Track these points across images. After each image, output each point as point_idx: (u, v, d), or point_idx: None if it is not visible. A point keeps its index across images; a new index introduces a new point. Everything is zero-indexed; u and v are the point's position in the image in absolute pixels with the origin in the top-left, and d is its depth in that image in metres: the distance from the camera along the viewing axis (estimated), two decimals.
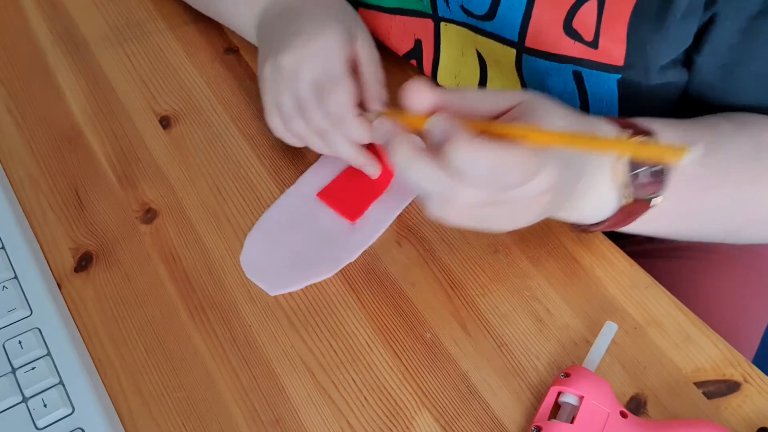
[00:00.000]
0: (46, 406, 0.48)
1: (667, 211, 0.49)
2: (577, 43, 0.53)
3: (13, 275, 0.53)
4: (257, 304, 0.54)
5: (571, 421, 0.46)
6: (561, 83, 0.56)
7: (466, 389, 0.50)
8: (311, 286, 0.55)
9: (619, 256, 0.56)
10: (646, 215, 0.49)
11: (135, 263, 0.56)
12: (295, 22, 0.56)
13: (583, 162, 0.45)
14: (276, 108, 0.56)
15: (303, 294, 0.54)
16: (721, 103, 0.56)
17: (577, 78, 0.55)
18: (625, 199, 0.47)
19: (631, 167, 0.47)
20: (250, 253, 0.56)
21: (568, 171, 0.43)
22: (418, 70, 0.66)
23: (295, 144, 0.58)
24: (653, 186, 0.47)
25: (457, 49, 0.60)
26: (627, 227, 0.51)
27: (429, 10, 0.59)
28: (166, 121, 0.64)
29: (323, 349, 0.52)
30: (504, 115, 0.43)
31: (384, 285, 0.55)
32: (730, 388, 0.49)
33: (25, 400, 0.48)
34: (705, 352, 0.51)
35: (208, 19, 0.70)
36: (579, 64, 0.54)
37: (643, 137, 0.47)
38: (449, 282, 0.55)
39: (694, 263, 0.73)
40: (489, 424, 0.48)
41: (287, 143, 0.58)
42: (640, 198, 0.47)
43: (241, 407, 0.49)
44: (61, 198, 0.59)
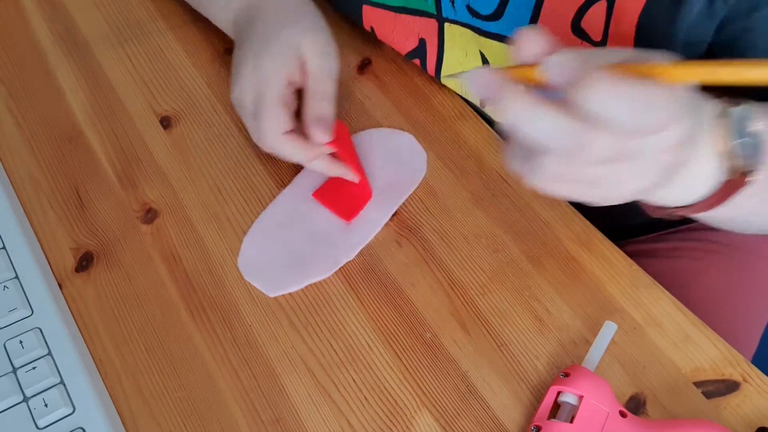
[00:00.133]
0: (46, 405, 0.48)
1: (760, 191, 0.43)
2: (584, 43, 0.53)
3: (14, 275, 0.54)
4: (257, 304, 0.54)
5: (571, 421, 0.46)
6: None
7: (466, 389, 0.50)
8: (311, 286, 0.55)
9: (619, 256, 0.56)
10: (738, 195, 0.43)
11: (136, 263, 0.56)
12: (247, 40, 0.57)
13: (700, 122, 0.40)
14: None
15: (303, 294, 0.54)
16: None
17: None
18: (728, 171, 0.42)
19: (736, 133, 0.41)
20: (248, 254, 0.56)
21: (695, 128, 0.38)
22: (421, 69, 0.66)
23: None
24: (753, 158, 0.41)
25: (461, 49, 0.60)
26: (713, 212, 0.45)
27: (433, 11, 0.59)
28: (166, 121, 0.64)
29: (323, 348, 0.52)
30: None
31: (384, 285, 0.55)
32: (730, 387, 0.49)
33: (25, 399, 0.48)
34: (704, 351, 0.51)
35: (208, 19, 0.70)
36: None
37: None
38: (449, 282, 0.55)
39: (694, 263, 0.73)
40: (489, 424, 0.48)
41: None
42: (738, 170, 0.42)
43: (241, 407, 0.50)
44: (62, 198, 0.59)
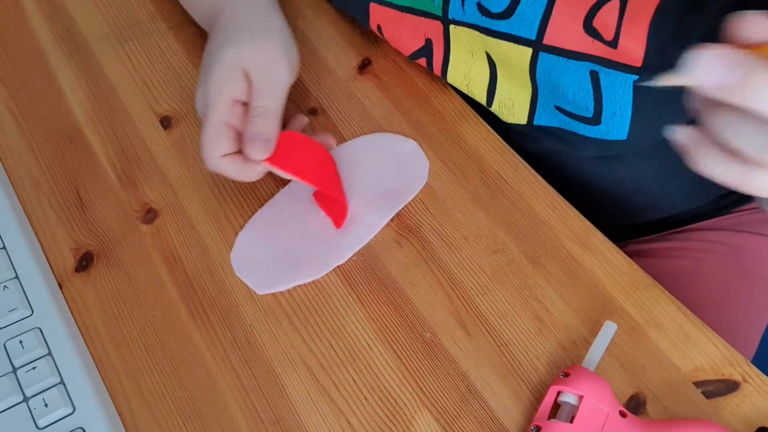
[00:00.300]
0: (46, 405, 0.48)
1: None
2: (596, 41, 0.53)
3: (14, 275, 0.54)
4: (257, 304, 0.54)
5: (571, 421, 0.46)
6: (576, 83, 0.55)
7: (466, 389, 0.50)
8: (311, 286, 0.55)
9: (619, 256, 0.56)
10: None
11: (136, 263, 0.56)
12: (205, 50, 0.57)
13: None
14: None
15: (303, 294, 0.54)
16: None
17: (594, 78, 0.55)
18: None
19: None
20: (241, 251, 0.56)
21: None
22: (421, 69, 0.66)
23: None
24: None
25: (467, 51, 0.60)
26: None
27: (439, 12, 0.59)
28: (166, 122, 0.64)
29: (323, 348, 0.52)
30: None
31: (384, 285, 0.55)
32: (729, 387, 0.49)
33: (25, 399, 0.48)
34: (704, 351, 0.51)
35: None
36: (597, 62, 0.54)
37: None
38: (449, 282, 0.55)
39: (694, 263, 0.73)
40: (489, 424, 0.48)
41: None
42: None
43: (241, 407, 0.50)
44: (62, 198, 0.59)
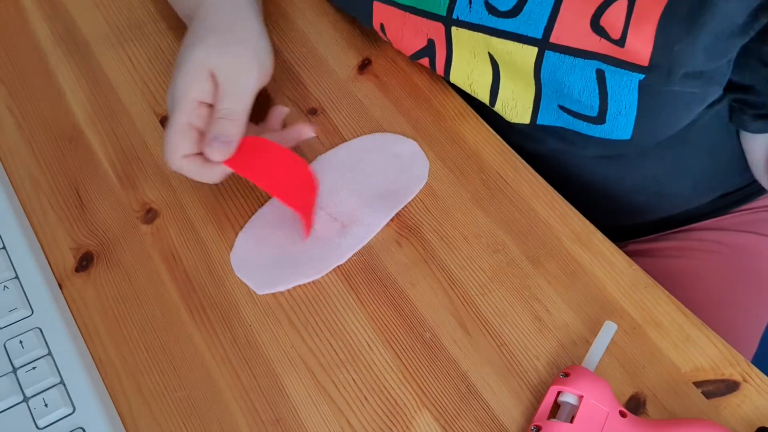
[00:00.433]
0: (46, 405, 0.48)
1: None
2: (603, 40, 0.53)
3: (14, 275, 0.54)
4: (257, 304, 0.54)
5: (571, 421, 0.46)
6: (582, 81, 0.55)
7: (466, 389, 0.50)
8: (311, 286, 0.55)
9: (619, 256, 0.56)
10: None
11: (136, 263, 0.56)
12: (180, 48, 0.57)
13: None
14: None
15: (303, 294, 0.54)
16: None
17: (600, 77, 0.55)
18: None
19: None
20: (241, 251, 0.56)
21: None
22: (421, 69, 0.66)
23: None
24: None
25: (469, 52, 0.60)
26: None
27: (444, 11, 0.59)
28: (166, 122, 0.64)
29: (323, 348, 0.52)
30: None
31: (384, 285, 0.55)
32: (729, 387, 0.49)
33: (25, 399, 0.48)
34: (704, 351, 0.51)
35: None
36: (604, 61, 0.54)
37: None
38: (449, 282, 0.55)
39: (694, 263, 0.73)
40: (489, 424, 0.48)
41: None
42: None
43: (241, 406, 0.50)
44: (62, 198, 0.59)
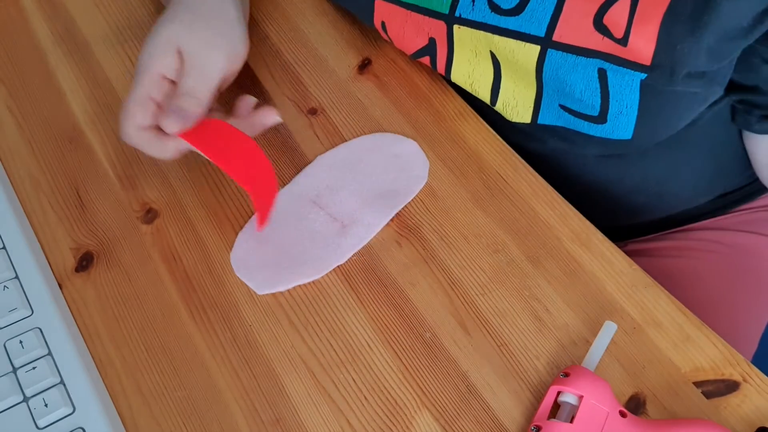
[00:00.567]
0: (46, 405, 0.48)
1: None
2: (605, 38, 0.53)
3: (14, 275, 0.54)
4: (257, 304, 0.54)
5: (571, 421, 0.46)
6: (584, 80, 0.55)
7: (466, 389, 0.50)
8: (311, 286, 0.55)
9: (619, 256, 0.56)
10: None
11: (136, 263, 0.56)
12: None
13: None
14: None
15: (303, 294, 0.54)
16: None
17: (602, 76, 0.55)
18: None
19: None
20: (241, 251, 0.56)
21: None
22: (422, 69, 0.66)
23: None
24: None
25: (471, 51, 0.60)
26: None
27: (446, 9, 0.59)
28: None
29: (323, 348, 0.52)
30: None
31: (384, 285, 0.55)
32: (729, 387, 0.49)
33: (26, 399, 0.48)
34: (704, 351, 0.51)
35: None
36: (606, 59, 0.54)
37: None
38: (449, 282, 0.55)
39: (694, 263, 0.73)
40: (489, 424, 0.48)
41: None
42: None
43: (241, 406, 0.50)
44: (62, 198, 0.59)
